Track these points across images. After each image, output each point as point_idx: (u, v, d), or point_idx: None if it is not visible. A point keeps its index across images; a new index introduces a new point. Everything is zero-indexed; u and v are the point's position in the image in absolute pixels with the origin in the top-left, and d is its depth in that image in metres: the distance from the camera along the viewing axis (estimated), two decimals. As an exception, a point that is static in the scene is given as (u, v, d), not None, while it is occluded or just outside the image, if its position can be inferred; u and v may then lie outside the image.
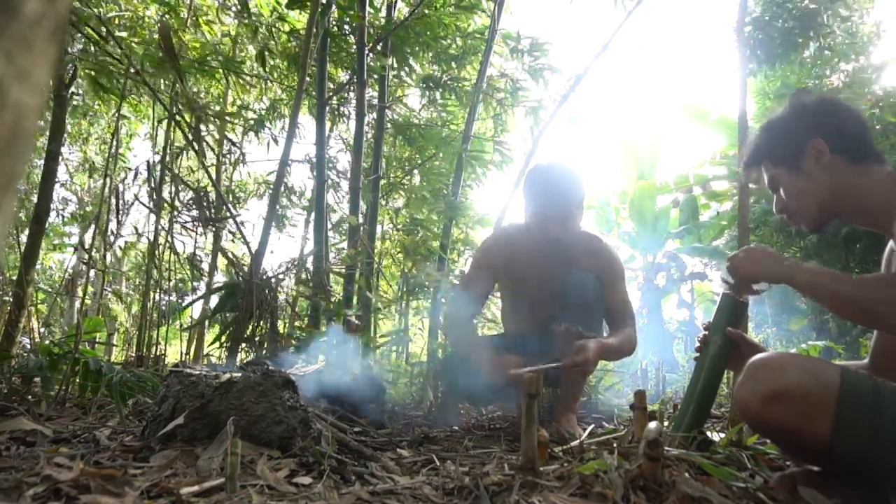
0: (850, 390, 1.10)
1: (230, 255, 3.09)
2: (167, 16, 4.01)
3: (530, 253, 2.43)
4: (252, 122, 4.73)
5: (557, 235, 2.31)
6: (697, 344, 1.63)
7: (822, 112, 1.51)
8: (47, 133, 3.19)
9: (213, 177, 3.86)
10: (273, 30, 4.26)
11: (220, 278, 5.18)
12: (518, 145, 5.13)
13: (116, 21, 3.78)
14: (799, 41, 4.68)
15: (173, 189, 3.41)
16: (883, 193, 1.38)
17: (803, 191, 1.51)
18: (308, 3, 3.59)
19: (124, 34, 3.63)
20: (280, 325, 3.02)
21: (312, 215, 4.18)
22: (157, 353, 3.44)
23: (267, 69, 4.35)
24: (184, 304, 4.05)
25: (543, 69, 4.63)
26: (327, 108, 4.11)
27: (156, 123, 4.02)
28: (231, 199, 4.54)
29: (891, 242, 1.46)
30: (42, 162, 3.41)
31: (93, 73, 3.31)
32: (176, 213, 3.34)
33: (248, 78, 4.61)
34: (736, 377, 1.43)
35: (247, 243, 3.12)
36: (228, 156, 5.09)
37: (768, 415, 1.16)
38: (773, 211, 1.65)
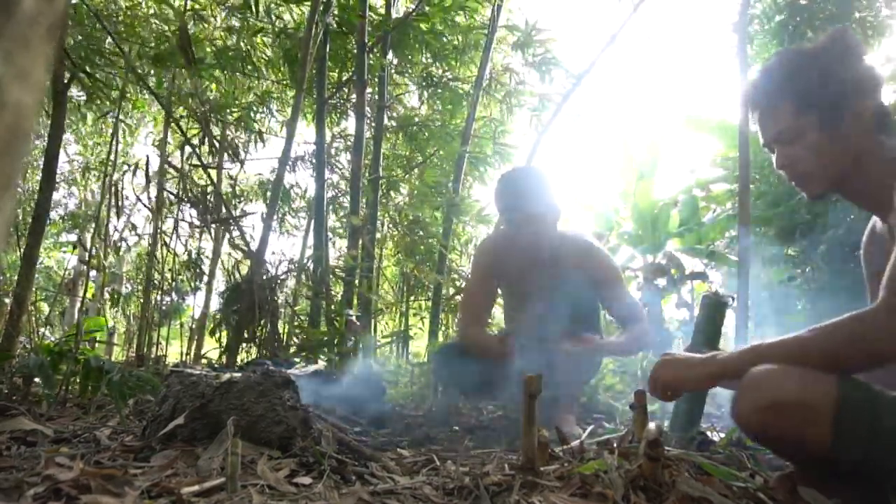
0: (848, 397, 1.09)
1: (242, 248, 3.09)
2: (169, 10, 4.01)
3: (517, 257, 2.44)
4: (243, 117, 4.72)
5: (530, 238, 2.31)
6: (688, 344, 1.63)
7: (875, 72, 1.28)
8: (47, 133, 3.19)
9: (215, 177, 3.86)
10: (274, 28, 4.26)
11: (220, 279, 5.17)
12: (520, 143, 5.13)
13: (119, 16, 3.78)
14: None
15: (176, 187, 3.41)
16: (889, 174, 1.25)
17: (827, 153, 1.28)
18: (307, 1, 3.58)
19: (122, 29, 3.62)
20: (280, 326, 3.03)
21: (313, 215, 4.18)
22: (158, 353, 3.45)
23: (264, 66, 4.35)
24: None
25: (548, 63, 4.62)
26: (326, 108, 4.10)
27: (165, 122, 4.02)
28: (233, 198, 4.54)
29: (878, 225, 1.38)
30: (42, 162, 3.42)
31: (88, 72, 3.31)
32: (178, 210, 3.35)
33: (248, 72, 4.60)
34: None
35: (247, 244, 3.12)
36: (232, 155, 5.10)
37: (767, 427, 1.15)
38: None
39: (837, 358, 1.13)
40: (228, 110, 4.35)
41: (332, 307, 3.26)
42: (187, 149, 3.78)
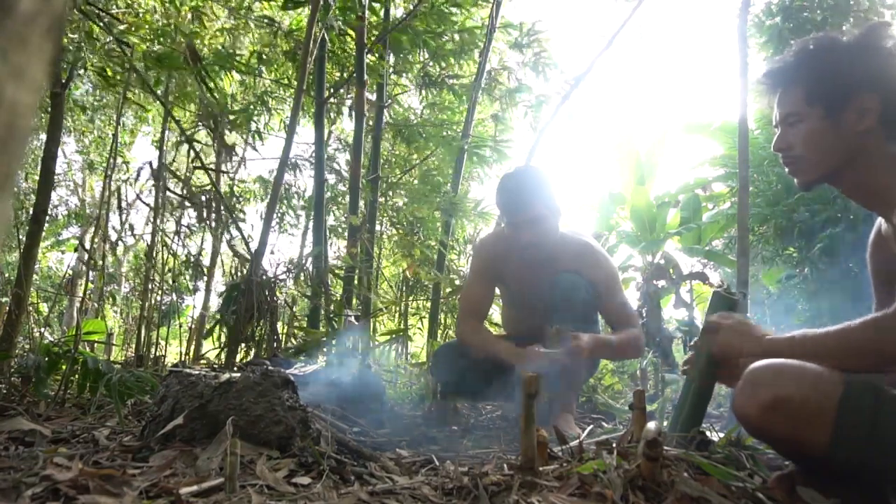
0: (850, 396, 1.09)
1: (238, 252, 3.09)
2: (173, 16, 4.01)
3: (517, 259, 2.44)
4: (241, 117, 4.71)
5: (531, 240, 2.30)
6: (692, 342, 1.62)
7: (893, 66, 1.27)
8: (45, 132, 3.19)
9: (214, 178, 3.85)
10: (274, 28, 4.26)
11: (219, 279, 5.17)
12: (519, 142, 5.13)
13: (121, 17, 3.78)
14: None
15: (176, 187, 3.42)
16: (891, 172, 1.25)
17: (825, 142, 1.30)
18: (305, 4, 3.59)
19: (123, 27, 3.62)
20: (280, 326, 3.03)
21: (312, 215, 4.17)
22: (157, 354, 3.44)
23: (263, 66, 4.35)
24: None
25: (545, 64, 4.63)
26: (325, 108, 4.10)
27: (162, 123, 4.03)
28: (233, 199, 4.53)
29: (883, 226, 1.38)
30: (40, 161, 3.41)
31: (96, 66, 3.31)
32: (180, 212, 3.35)
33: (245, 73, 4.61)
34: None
35: (246, 245, 3.12)
36: (232, 157, 5.09)
37: (767, 423, 1.14)
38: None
39: (852, 360, 1.16)
40: (228, 107, 4.35)
41: (332, 307, 3.26)
42: (187, 148, 3.78)
